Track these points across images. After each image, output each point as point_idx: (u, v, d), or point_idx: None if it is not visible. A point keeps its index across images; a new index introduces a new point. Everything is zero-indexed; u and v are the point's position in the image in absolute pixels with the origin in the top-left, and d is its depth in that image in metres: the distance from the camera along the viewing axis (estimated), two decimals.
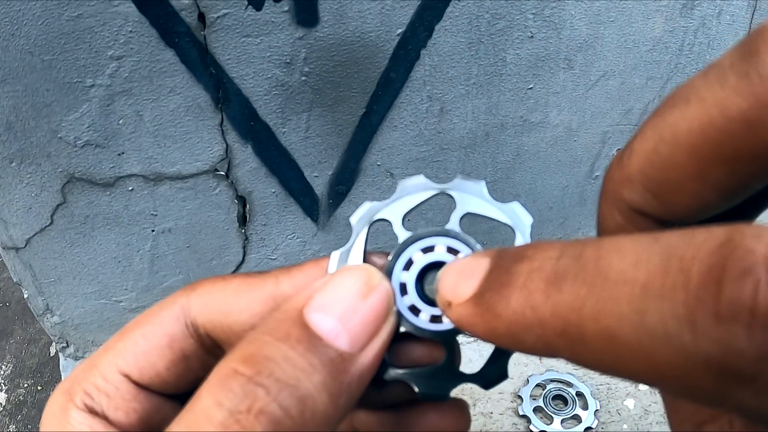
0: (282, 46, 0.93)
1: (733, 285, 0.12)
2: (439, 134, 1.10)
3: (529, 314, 0.16)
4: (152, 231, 1.10)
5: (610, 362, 0.15)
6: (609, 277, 0.15)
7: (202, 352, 0.26)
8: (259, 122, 1.00)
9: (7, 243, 1.06)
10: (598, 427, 1.14)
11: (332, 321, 0.21)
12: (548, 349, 0.16)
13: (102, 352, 0.26)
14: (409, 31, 0.97)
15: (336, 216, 1.15)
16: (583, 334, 0.15)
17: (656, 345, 0.13)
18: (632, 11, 1.05)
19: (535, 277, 0.17)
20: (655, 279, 0.13)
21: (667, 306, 0.13)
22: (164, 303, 0.26)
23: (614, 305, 0.14)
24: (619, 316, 0.14)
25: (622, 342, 0.14)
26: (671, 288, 0.13)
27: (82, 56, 0.87)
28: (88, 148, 0.97)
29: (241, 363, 0.19)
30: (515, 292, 0.17)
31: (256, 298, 0.25)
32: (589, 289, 0.15)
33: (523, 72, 1.07)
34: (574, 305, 0.15)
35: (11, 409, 1.42)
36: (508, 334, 0.17)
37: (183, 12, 0.87)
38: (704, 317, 0.12)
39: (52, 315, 1.18)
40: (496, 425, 1.16)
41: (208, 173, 1.04)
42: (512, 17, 1.00)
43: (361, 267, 0.22)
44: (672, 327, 0.13)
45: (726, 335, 0.12)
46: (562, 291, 0.16)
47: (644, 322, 0.13)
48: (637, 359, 0.14)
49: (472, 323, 0.19)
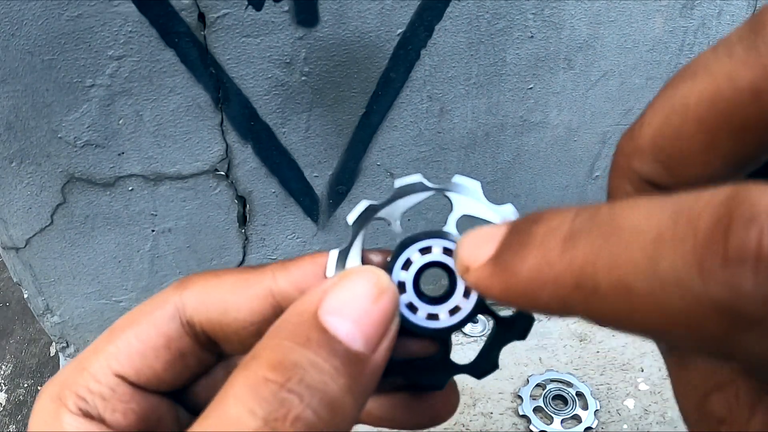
0: (282, 46, 0.93)
1: (739, 232, 0.13)
2: (439, 134, 1.10)
3: (545, 270, 0.17)
4: (152, 231, 1.10)
5: (623, 313, 0.15)
6: (623, 231, 0.15)
7: (198, 349, 0.26)
8: (259, 122, 1.00)
9: (7, 243, 1.06)
10: (598, 427, 1.14)
11: (348, 324, 0.21)
12: (563, 305, 0.17)
13: (90, 355, 0.26)
14: (409, 31, 0.97)
15: (336, 216, 1.15)
16: (597, 286, 0.15)
17: (668, 292, 0.14)
18: (632, 11, 1.05)
19: (551, 236, 0.17)
20: (666, 230, 0.14)
21: (678, 254, 0.14)
22: (155, 302, 0.26)
23: (628, 256, 0.15)
24: (632, 266, 0.15)
25: (636, 291, 0.14)
26: (681, 237, 0.14)
27: (82, 56, 0.87)
28: (88, 148, 0.96)
29: (270, 370, 0.20)
30: (532, 251, 0.17)
31: (253, 294, 0.25)
32: (603, 243, 0.15)
33: (523, 72, 1.07)
34: (589, 258, 0.16)
35: (11, 409, 1.42)
36: (525, 293, 0.18)
37: (183, 12, 0.87)
38: (712, 262, 0.13)
39: (52, 315, 1.18)
40: (496, 425, 1.16)
41: (208, 173, 1.04)
42: (512, 17, 1.00)
43: (370, 269, 0.23)
44: (682, 273, 0.14)
45: (733, 279, 0.13)
46: (577, 246, 0.16)
47: (656, 270, 0.14)
48: (649, 308, 0.14)
49: (489, 284, 0.19)
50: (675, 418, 1.15)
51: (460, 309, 0.24)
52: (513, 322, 0.26)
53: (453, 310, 0.24)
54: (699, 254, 0.13)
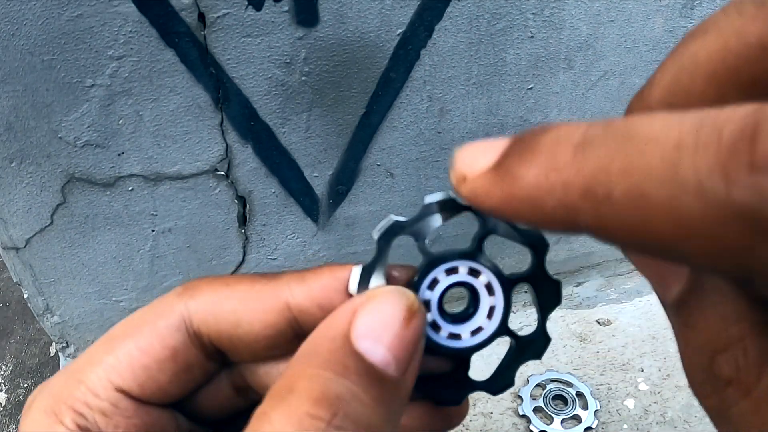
0: (282, 46, 0.93)
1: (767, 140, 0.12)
2: (439, 134, 1.10)
3: (552, 176, 0.16)
4: (152, 231, 1.10)
5: (636, 223, 0.14)
6: (640, 139, 0.14)
7: (204, 360, 0.25)
8: (259, 122, 1.00)
9: (7, 243, 1.06)
10: (598, 427, 1.14)
11: (383, 350, 0.21)
12: (569, 214, 0.16)
13: (86, 366, 0.24)
14: (409, 31, 0.97)
15: (336, 216, 1.15)
16: (610, 193, 0.15)
17: (688, 198, 0.13)
18: (632, 11, 1.05)
19: (561, 143, 0.16)
20: (688, 137, 0.14)
21: (700, 159, 0.13)
22: (158, 310, 0.25)
23: (645, 162, 0.14)
24: (650, 172, 0.14)
25: (653, 198, 0.14)
26: (704, 144, 0.13)
27: (82, 56, 0.87)
28: (88, 148, 0.97)
29: (313, 406, 0.19)
30: (539, 156, 0.16)
31: (268, 307, 0.24)
32: (618, 149, 0.15)
33: (523, 72, 1.07)
34: (602, 164, 0.15)
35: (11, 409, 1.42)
36: (527, 199, 0.16)
37: (183, 12, 0.87)
38: (738, 168, 0.13)
39: (52, 315, 1.18)
40: (496, 425, 1.16)
41: (208, 173, 1.04)
42: (512, 17, 1.00)
43: (399, 290, 0.22)
44: (704, 178, 0.13)
45: (759, 184, 0.12)
46: (589, 152, 0.15)
47: (676, 175, 0.13)
48: (666, 217, 0.14)
49: (488, 192, 0.18)
50: (675, 418, 1.15)
51: (482, 329, 0.24)
52: (531, 342, 0.26)
53: (475, 331, 0.25)
54: (723, 160, 0.13)
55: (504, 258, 1.30)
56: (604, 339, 1.30)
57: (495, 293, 0.24)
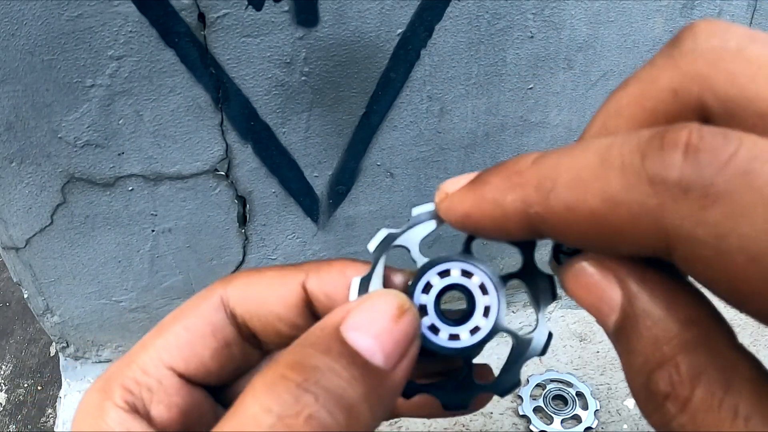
0: (282, 46, 0.93)
1: (674, 132, 0.17)
2: (439, 134, 1.10)
3: (513, 178, 0.20)
4: (152, 231, 1.10)
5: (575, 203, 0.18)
6: (582, 145, 0.19)
7: (241, 340, 0.28)
8: (259, 122, 1.00)
9: (7, 243, 1.06)
10: (598, 427, 1.14)
11: (369, 340, 0.22)
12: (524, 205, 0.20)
13: (139, 349, 0.27)
14: (409, 31, 0.97)
15: (336, 216, 1.15)
16: (555, 184, 0.19)
17: (613, 175, 0.18)
18: (632, 11, 1.05)
19: (523, 158, 0.20)
20: (617, 140, 0.18)
21: (625, 148, 0.18)
22: (202, 295, 0.28)
23: (584, 157, 0.18)
24: (586, 162, 0.18)
25: (587, 181, 0.18)
26: (628, 141, 0.18)
27: (82, 56, 0.87)
28: (88, 148, 0.97)
29: (288, 369, 0.20)
30: (505, 168, 0.21)
31: (288, 290, 0.27)
32: (564, 154, 0.19)
33: (523, 72, 1.07)
34: (552, 165, 0.19)
35: (11, 409, 1.42)
36: (491, 200, 0.21)
37: (183, 12, 0.87)
38: (651, 150, 0.17)
39: (52, 315, 1.18)
40: (496, 425, 1.16)
41: (208, 173, 1.04)
42: (512, 17, 1.00)
43: (393, 292, 0.24)
44: (627, 158, 0.17)
45: (667, 157, 0.17)
46: (543, 160, 0.20)
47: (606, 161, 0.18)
48: (598, 193, 0.18)
49: (461, 200, 0.22)
50: None
51: (480, 328, 0.25)
52: (532, 339, 0.27)
53: (473, 330, 0.25)
54: (642, 147, 0.17)
55: (504, 258, 1.30)
56: (604, 339, 1.30)
57: (489, 292, 0.26)
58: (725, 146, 0.16)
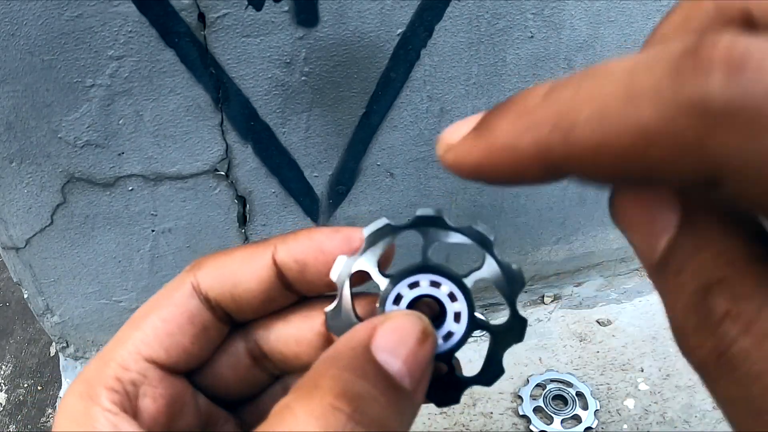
0: (282, 46, 0.93)
1: (709, 45, 0.14)
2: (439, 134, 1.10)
3: (524, 119, 0.17)
4: (152, 231, 1.10)
5: (602, 142, 0.16)
6: (599, 73, 0.16)
7: (216, 322, 0.28)
8: (259, 122, 1.00)
9: (7, 243, 1.06)
10: (598, 427, 1.14)
11: (399, 363, 0.23)
12: (543, 149, 0.17)
13: (115, 346, 0.27)
14: (409, 31, 0.97)
15: (336, 216, 1.15)
16: (575, 121, 0.16)
17: (644, 105, 0.15)
18: (632, 11, 1.05)
19: (532, 93, 0.18)
20: (641, 62, 0.15)
21: (653, 70, 0.15)
22: (171, 286, 0.29)
23: (605, 87, 0.16)
24: (609, 93, 0.15)
25: (613, 114, 0.15)
26: (657, 60, 0.15)
27: (82, 56, 0.87)
28: (88, 148, 0.97)
29: (336, 399, 0.21)
30: (513, 107, 0.18)
31: (259, 266, 0.28)
32: (581, 84, 0.16)
33: (523, 72, 1.07)
34: (568, 98, 0.16)
35: (11, 409, 1.42)
36: (504, 147, 0.18)
37: (183, 12, 0.87)
38: (685, 70, 0.14)
39: (52, 315, 1.18)
40: (496, 425, 1.16)
41: (208, 173, 1.04)
42: (512, 17, 1.00)
43: (415, 314, 0.25)
44: (657, 83, 0.15)
45: (704, 79, 0.14)
46: (556, 94, 0.17)
47: (632, 89, 0.15)
48: (627, 128, 0.15)
49: (469, 151, 0.20)
50: (675, 418, 1.15)
51: (454, 333, 0.27)
52: (508, 329, 0.28)
53: (446, 336, 0.27)
54: (673, 66, 0.14)
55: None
56: (604, 339, 1.30)
57: (458, 299, 0.27)
58: None
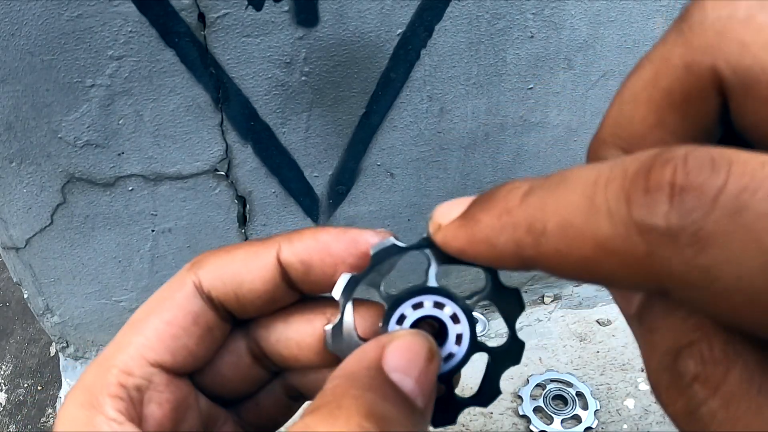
0: (282, 46, 0.93)
1: (658, 170, 0.16)
2: (439, 134, 1.10)
3: (504, 218, 0.20)
4: (152, 231, 1.10)
5: (566, 249, 0.18)
6: (569, 181, 0.18)
7: (220, 321, 0.28)
8: (259, 122, 1.00)
9: (7, 243, 1.06)
10: (598, 427, 1.14)
11: (412, 382, 0.24)
12: (517, 248, 0.19)
13: (115, 352, 0.26)
14: (409, 31, 0.97)
15: (336, 216, 1.15)
16: (545, 228, 0.18)
17: (602, 221, 0.17)
18: (632, 11, 1.05)
19: (513, 192, 0.20)
20: (602, 175, 0.17)
21: (610, 190, 0.17)
22: (172, 286, 0.28)
23: (571, 198, 0.18)
24: (574, 205, 0.17)
25: (576, 225, 0.17)
26: (614, 179, 0.17)
27: (82, 56, 0.87)
28: (88, 148, 0.97)
29: (366, 420, 0.21)
30: (495, 204, 0.20)
31: (263, 265, 0.27)
32: (553, 191, 0.18)
33: (523, 72, 1.07)
34: (540, 204, 0.18)
35: (11, 409, 1.42)
36: (485, 240, 0.20)
37: (183, 12, 0.87)
38: (636, 193, 0.16)
39: (52, 315, 1.18)
40: (496, 425, 1.16)
41: (208, 173, 1.04)
42: (512, 17, 1.00)
43: (422, 333, 0.26)
44: (612, 204, 0.16)
45: (652, 202, 0.16)
46: (532, 198, 0.19)
47: (593, 205, 0.17)
48: (587, 240, 0.17)
49: (455, 236, 0.22)
50: None
51: (455, 354, 0.27)
52: (506, 351, 0.28)
53: (447, 357, 0.27)
54: (626, 188, 0.16)
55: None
56: (604, 339, 1.30)
57: (460, 321, 0.27)
58: (712, 180, 0.15)
